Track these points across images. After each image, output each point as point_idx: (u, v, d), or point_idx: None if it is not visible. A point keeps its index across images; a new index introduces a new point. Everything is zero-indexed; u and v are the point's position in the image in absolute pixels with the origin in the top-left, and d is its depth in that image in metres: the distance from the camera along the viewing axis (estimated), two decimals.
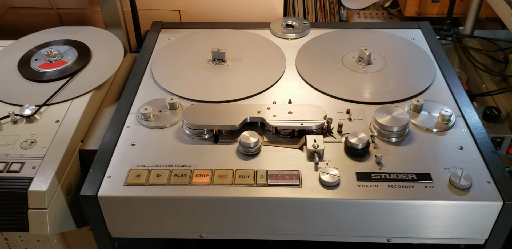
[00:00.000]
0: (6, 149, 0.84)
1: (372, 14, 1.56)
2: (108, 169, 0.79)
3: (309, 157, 0.80)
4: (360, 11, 1.55)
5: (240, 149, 0.81)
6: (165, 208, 0.76)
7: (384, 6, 1.57)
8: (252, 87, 0.96)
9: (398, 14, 1.55)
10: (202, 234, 0.80)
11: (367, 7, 1.57)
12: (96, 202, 0.75)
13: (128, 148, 0.83)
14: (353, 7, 1.56)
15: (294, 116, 0.84)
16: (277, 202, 0.74)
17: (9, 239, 1.03)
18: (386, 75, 0.99)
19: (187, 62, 1.04)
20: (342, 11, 1.55)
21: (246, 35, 1.14)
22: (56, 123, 0.89)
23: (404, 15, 1.50)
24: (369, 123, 0.86)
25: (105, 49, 1.07)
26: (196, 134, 0.85)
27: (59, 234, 1.01)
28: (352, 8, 1.56)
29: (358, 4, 1.56)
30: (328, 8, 1.54)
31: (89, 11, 1.22)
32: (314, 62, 1.04)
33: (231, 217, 0.77)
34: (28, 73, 1.00)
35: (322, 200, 0.74)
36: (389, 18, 1.56)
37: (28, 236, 1.02)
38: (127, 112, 0.90)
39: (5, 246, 1.04)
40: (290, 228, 0.78)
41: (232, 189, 0.75)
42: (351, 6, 1.55)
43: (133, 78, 1.00)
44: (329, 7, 1.54)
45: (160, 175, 0.77)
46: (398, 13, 1.55)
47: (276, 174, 0.77)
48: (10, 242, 1.03)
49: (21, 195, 0.78)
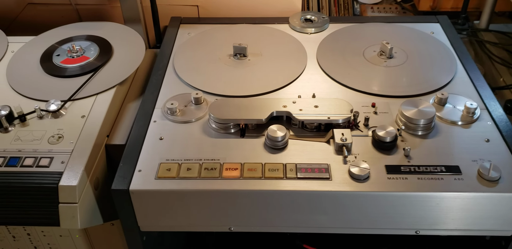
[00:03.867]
0: (34, 144, 0.85)
1: (386, 8, 1.56)
2: (138, 163, 0.79)
3: (337, 150, 0.80)
4: (373, 6, 1.55)
5: (267, 142, 0.82)
6: (196, 201, 0.77)
7: (397, 1, 1.57)
8: (275, 81, 0.97)
9: (411, 9, 1.55)
10: (231, 227, 0.80)
11: (380, 1, 1.57)
12: (128, 196, 0.76)
13: (156, 142, 0.83)
14: (367, 2, 1.56)
15: (320, 110, 0.84)
16: (307, 195, 0.75)
17: (31, 234, 1.03)
18: (408, 69, 1.00)
19: (209, 57, 1.05)
20: (356, 5, 1.55)
21: (265, 30, 1.14)
22: (82, 118, 0.90)
23: (418, 10, 1.51)
24: (395, 117, 0.87)
25: (126, 45, 1.08)
26: (222, 128, 0.86)
27: (81, 229, 1.02)
28: (366, 3, 1.56)
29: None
30: (342, 2, 1.54)
31: (107, 7, 1.22)
32: (335, 56, 1.04)
33: (260, 210, 0.77)
34: (50, 69, 1.01)
35: (353, 193, 0.74)
36: (402, 13, 1.56)
37: (51, 231, 1.03)
38: (152, 107, 0.91)
39: (28, 241, 1.05)
40: (319, 221, 0.78)
41: (262, 182, 0.76)
42: (365, 1, 1.55)
43: (156, 74, 1.00)
44: (343, 2, 1.54)
45: (190, 169, 0.78)
46: (411, 7, 1.56)
47: (305, 167, 0.77)
48: (32, 238, 1.04)
49: (51, 189, 0.79)
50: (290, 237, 1.22)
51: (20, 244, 1.06)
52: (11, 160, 0.82)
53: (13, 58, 1.05)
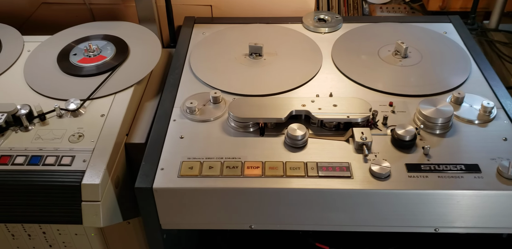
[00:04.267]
0: (54, 143, 0.85)
1: (395, 8, 1.56)
2: (160, 161, 0.80)
3: (357, 149, 0.81)
4: (382, 6, 1.56)
5: (287, 141, 0.82)
6: (218, 199, 0.77)
7: (405, 1, 1.58)
8: (291, 81, 0.97)
9: (419, 8, 1.56)
10: (252, 225, 0.81)
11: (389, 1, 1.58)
12: (151, 194, 0.76)
13: (177, 140, 0.84)
14: (376, 2, 1.57)
15: (339, 109, 0.85)
16: (329, 193, 0.76)
17: (47, 233, 1.04)
18: (423, 69, 1.00)
19: (224, 56, 1.05)
20: (365, 5, 1.56)
21: (279, 30, 1.15)
22: (101, 117, 0.90)
23: (427, 10, 1.51)
24: (412, 116, 0.88)
25: (142, 44, 1.08)
26: (241, 127, 0.86)
27: (97, 228, 1.02)
28: (375, 3, 1.57)
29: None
30: (352, 2, 1.55)
31: (121, 6, 1.22)
32: (350, 56, 1.05)
33: (282, 208, 0.78)
34: (68, 68, 1.01)
35: (374, 191, 0.75)
36: (411, 13, 1.57)
37: (66, 229, 1.03)
38: (171, 106, 0.91)
39: (43, 239, 1.05)
40: (339, 219, 0.79)
41: (284, 180, 0.76)
42: (374, 1, 1.56)
43: (173, 73, 1.01)
44: (352, 2, 1.55)
45: (212, 167, 0.78)
46: (420, 7, 1.57)
47: (326, 166, 0.78)
48: (48, 236, 1.05)
49: (74, 188, 0.79)
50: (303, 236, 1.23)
51: (35, 242, 1.07)
52: (33, 158, 0.82)
53: (30, 57, 1.05)
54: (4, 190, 0.80)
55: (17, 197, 0.81)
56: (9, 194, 0.81)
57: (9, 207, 0.82)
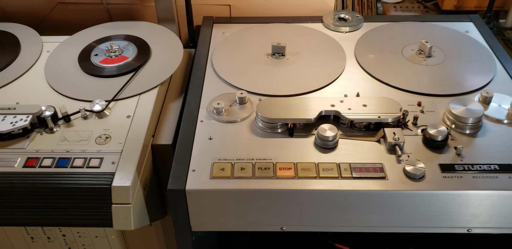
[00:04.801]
0: (81, 145, 0.84)
1: (409, 7, 1.56)
2: (191, 162, 0.79)
3: (389, 149, 0.80)
4: (396, 5, 1.56)
5: (318, 142, 0.82)
6: (251, 201, 0.76)
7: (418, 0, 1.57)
8: (317, 80, 0.97)
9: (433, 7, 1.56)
10: (283, 226, 0.80)
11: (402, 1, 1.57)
12: (183, 196, 0.75)
13: (206, 142, 0.83)
14: (389, 1, 1.56)
15: (369, 109, 0.84)
16: (364, 194, 0.75)
17: (66, 236, 1.03)
18: (448, 68, 1.00)
19: (247, 56, 1.04)
20: (378, 4, 1.55)
21: (300, 29, 1.14)
22: (127, 118, 0.89)
23: (442, 9, 1.51)
24: (441, 115, 0.87)
25: (163, 45, 1.07)
26: (269, 128, 0.85)
27: (118, 230, 1.01)
28: (388, 2, 1.56)
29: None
30: (366, 1, 1.54)
31: (138, 6, 1.21)
32: (374, 55, 1.04)
33: (314, 209, 0.77)
34: (90, 69, 1.00)
35: (410, 192, 0.74)
36: (425, 12, 1.56)
37: (86, 232, 1.02)
38: (197, 107, 0.91)
39: (62, 242, 1.04)
40: (371, 220, 0.78)
41: (317, 182, 0.76)
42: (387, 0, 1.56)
43: (196, 73, 1.00)
44: (366, 1, 1.54)
45: (244, 168, 0.78)
46: (433, 6, 1.56)
47: (359, 167, 0.77)
48: (67, 239, 1.04)
49: (104, 190, 0.78)
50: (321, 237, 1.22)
51: (55, 245, 1.06)
52: (61, 160, 0.81)
53: (50, 58, 1.04)
54: (32, 192, 0.79)
55: (45, 199, 0.80)
56: (37, 197, 0.80)
57: (37, 210, 0.81)
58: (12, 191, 0.79)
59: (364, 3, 1.55)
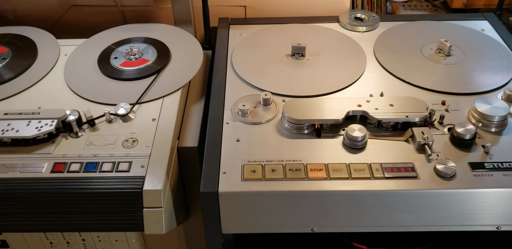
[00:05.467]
0: (108, 149, 0.84)
1: (417, 6, 1.56)
2: (221, 165, 0.79)
3: (418, 149, 0.81)
4: (405, 3, 1.56)
5: (346, 142, 0.82)
6: (282, 202, 0.76)
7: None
8: (339, 81, 0.97)
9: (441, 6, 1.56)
10: (313, 228, 0.80)
11: None
12: (216, 198, 0.75)
13: (234, 144, 0.83)
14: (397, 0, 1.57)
15: (396, 109, 0.84)
16: (396, 194, 0.75)
17: (86, 240, 1.02)
18: (468, 67, 1.00)
19: (266, 57, 1.04)
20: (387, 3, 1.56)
21: (317, 29, 1.14)
22: (153, 121, 0.89)
23: (451, 7, 1.51)
24: (466, 114, 0.88)
25: (182, 47, 1.07)
26: (295, 129, 0.85)
27: (139, 233, 1.01)
28: (396, 1, 1.57)
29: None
30: (375, 1, 1.54)
31: (153, 8, 1.20)
32: (394, 54, 1.04)
33: (346, 210, 0.77)
34: (110, 72, 0.99)
35: (442, 191, 0.74)
36: (434, 10, 1.57)
37: (107, 236, 1.02)
38: (222, 109, 0.90)
39: (82, 246, 1.04)
40: (403, 219, 0.78)
41: (350, 182, 0.76)
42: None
43: (217, 75, 0.99)
44: (376, 0, 1.54)
45: (275, 170, 0.77)
46: (441, 4, 1.57)
47: (391, 167, 0.77)
48: (87, 243, 1.03)
49: (135, 194, 0.78)
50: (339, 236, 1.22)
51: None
52: (89, 165, 0.81)
53: (69, 61, 1.04)
54: (62, 198, 0.79)
55: (75, 205, 0.79)
56: (67, 202, 0.79)
57: (66, 216, 0.80)
58: (41, 197, 0.79)
59: (373, 3, 1.56)
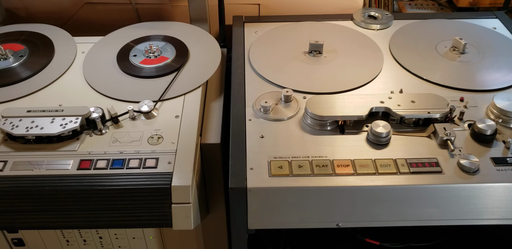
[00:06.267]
0: (134, 145, 0.84)
1: (424, 5, 1.58)
2: (247, 161, 0.80)
3: (441, 144, 0.82)
4: (411, 2, 1.58)
5: (371, 138, 0.83)
6: (310, 198, 0.77)
7: None
8: (358, 77, 0.98)
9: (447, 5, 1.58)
10: (339, 223, 0.81)
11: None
12: (244, 194, 0.76)
13: (258, 140, 0.84)
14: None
15: (418, 105, 0.86)
16: (422, 189, 0.76)
17: (103, 238, 1.03)
18: (483, 64, 1.02)
19: (284, 55, 1.05)
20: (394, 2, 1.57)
21: (332, 27, 1.15)
22: (176, 118, 0.89)
23: (458, 6, 1.53)
24: (485, 110, 0.89)
25: (200, 45, 1.07)
26: (319, 125, 0.86)
27: (156, 230, 1.01)
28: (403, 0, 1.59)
29: None
30: None
31: (167, 6, 1.21)
32: (410, 52, 1.05)
33: (372, 205, 0.79)
34: (130, 70, 0.99)
35: (467, 186, 0.76)
36: (440, 9, 1.59)
37: (124, 233, 1.02)
38: (243, 106, 0.91)
39: (98, 245, 1.04)
40: (427, 214, 0.80)
41: (377, 178, 0.77)
42: None
43: (236, 72, 1.00)
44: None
45: (302, 166, 0.78)
46: (447, 3, 1.59)
47: (415, 162, 0.79)
48: (104, 241, 1.03)
49: (164, 190, 0.78)
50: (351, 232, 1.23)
51: (90, 248, 1.05)
52: (115, 162, 0.81)
53: (87, 59, 1.03)
54: (90, 195, 0.79)
55: (103, 201, 0.80)
56: (95, 199, 0.79)
57: (94, 212, 0.81)
58: (69, 194, 0.79)
59: (381, 1, 1.57)
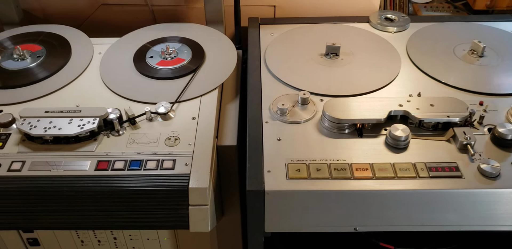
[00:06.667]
0: (151, 147, 0.84)
1: (439, 7, 1.57)
2: (264, 164, 0.79)
3: (460, 148, 0.81)
4: (426, 5, 1.57)
5: (389, 142, 0.82)
6: (328, 201, 0.77)
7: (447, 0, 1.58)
8: (375, 80, 0.97)
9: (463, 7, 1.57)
10: (356, 227, 0.80)
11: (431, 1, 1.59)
12: (262, 197, 0.75)
13: (275, 143, 0.83)
14: (418, 1, 1.57)
15: (437, 109, 0.85)
16: (442, 194, 0.75)
17: (118, 238, 1.03)
18: (502, 67, 1.00)
19: (300, 57, 1.05)
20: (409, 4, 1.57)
21: (348, 29, 1.14)
22: (193, 120, 0.89)
23: (474, 9, 1.52)
24: (505, 114, 0.88)
25: (216, 46, 1.07)
26: (336, 128, 0.86)
27: (171, 232, 1.01)
28: (417, 2, 1.58)
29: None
30: (398, 1, 1.55)
31: (183, 8, 1.21)
32: (427, 55, 1.05)
33: (390, 209, 0.78)
34: (147, 71, 1.00)
35: (488, 191, 0.75)
36: (456, 12, 1.57)
37: (138, 234, 1.02)
38: (260, 108, 0.91)
39: (113, 245, 1.04)
40: (446, 219, 0.79)
41: (396, 182, 0.76)
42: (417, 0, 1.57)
43: (252, 75, 1.00)
44: (398, 1, 1.55)
45: (320, 169, 0.78)
46: (463, 6, 1.57)
47: (435, 166, 0.78)
48: (118, 242, 1.03)
49: (181, 192, 0.78)
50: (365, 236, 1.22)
51: (104, 248, 1.05)
52: (133, 163, 0.81)
53: (104, 60, 1.04)
54: (107, 195, 0.79)
55: (120, 202, 0.80)
56: (112, 200, 0.80)
57: (111, 213, 0.81)
58: (87, 195, 0.79)
59: (396, 3, 1.56)
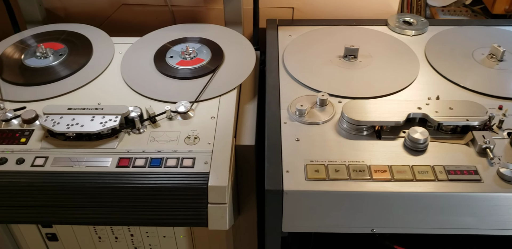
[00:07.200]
0: (171, 145, 0.85)
1: (456, 11, 1.57)
2: (283, 164, 0.80)
3: (479, 152, 0.81)
4: (444, 9, 1.57)
5: (408, 144, 0.82)
6: (346, 202, 0.77)
7: (465, 3, 1.58)
8: (394, 83, 0.97)
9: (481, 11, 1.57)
10: (374, 228, 0.81)
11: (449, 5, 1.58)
12: (280, 197, 0.76)
13: (294, 143, 0.84)
14: (436, 5, 1.57)
15: (456, 112, 0.85)
16: (461, 197, 0.76)
17: (134, 235, 1.04)
18: None
19: (318, 58, 1.05)
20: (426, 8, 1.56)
21: (366, 32, 1.15)
22: (212, 119, 0.90)
23: (492, 13, 1.51)
24: None
25: (235, 47, 1.08)
26: (355, 130, 0.86)
27: (187, 229, 1.02)
28: (435, 6, 1.57)
29: (441, 2, 1.58)
30: (415, 5, 1.55)
31: (203, 9, 1.22)
32: (446, 58, 1.05)
33: (408, 211, 0.78)
34: (167, 70, 1.01)
35: (508, 195, 0.75)
36: (474, 16, 1.57)
37: (155, 232, 1.03)
38: (278, 109, 0.92)
39: (129, 242, 1.05)
40: (464, 222, 0.79)
41: (415, 184, 0.76)
42: (434, 3, 1.57)
43: (271, 76, 1.00)
44: (416, 4, 1.55)
45: (338, 170, 0.78)
46: (481, 10, 1.57)
47: (454, 169, 0.78)
48: (135, 238, 1.05)
49: (201, 190, 0.79)
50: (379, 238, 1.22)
51: (121, 245, 1.07)
52: (153, 160, 0.82)
53: (125, 59, 1.05)
54: (128, 192, 0.80)
55: (140, 199, 0.81)
56: (132, 197, 0.81)
57: (130, 210, 0.82)
58: (108, 191, 0.80)
59: (413, 7, 1.56)
